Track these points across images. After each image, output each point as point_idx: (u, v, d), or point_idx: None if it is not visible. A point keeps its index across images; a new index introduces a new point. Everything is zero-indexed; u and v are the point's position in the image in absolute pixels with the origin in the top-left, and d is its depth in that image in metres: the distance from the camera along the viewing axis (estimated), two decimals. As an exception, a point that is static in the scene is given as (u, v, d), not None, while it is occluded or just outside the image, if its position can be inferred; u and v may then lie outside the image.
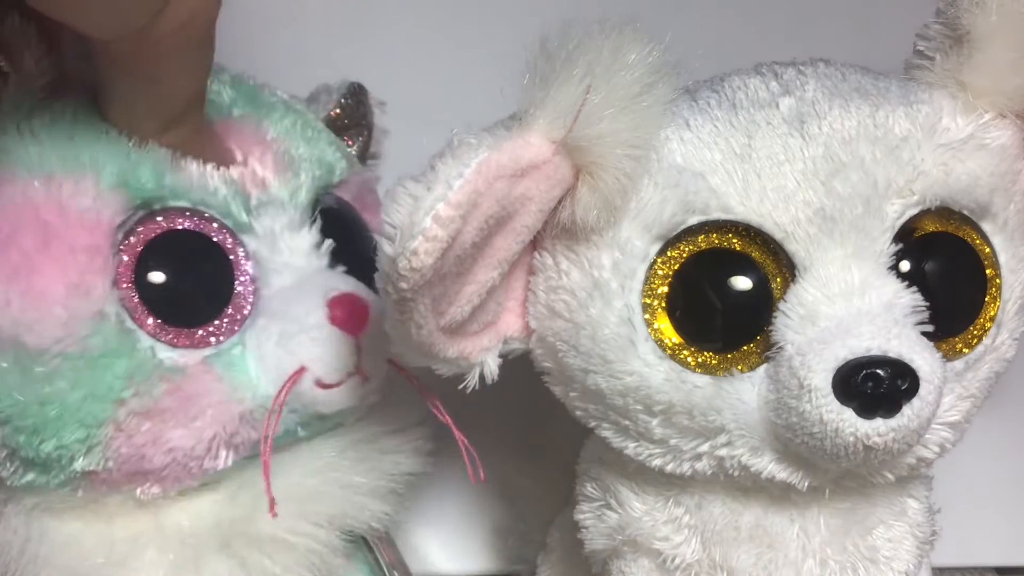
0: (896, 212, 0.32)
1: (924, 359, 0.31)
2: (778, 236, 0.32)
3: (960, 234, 0.34)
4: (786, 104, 0.33)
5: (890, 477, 0.34)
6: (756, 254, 0.32)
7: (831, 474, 0.34)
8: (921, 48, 0.35)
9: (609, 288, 0.33)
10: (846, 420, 0.30)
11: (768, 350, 0.32)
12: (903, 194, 0.32)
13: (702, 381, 0.33)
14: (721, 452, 0.33)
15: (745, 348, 0.33)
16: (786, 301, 0.32)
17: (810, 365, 0.31)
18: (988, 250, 0.34)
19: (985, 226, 0.34)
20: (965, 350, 0.34)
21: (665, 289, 0.33)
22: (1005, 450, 0.57)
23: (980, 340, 0.34)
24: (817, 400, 0.31)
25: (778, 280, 0.32)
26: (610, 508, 0.37)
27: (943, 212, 0.33)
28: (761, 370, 0.33)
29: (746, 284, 0.32)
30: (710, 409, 0.33)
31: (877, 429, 0.30)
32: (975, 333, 0.34)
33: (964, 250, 0.34)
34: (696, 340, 0.33)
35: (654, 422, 0.34)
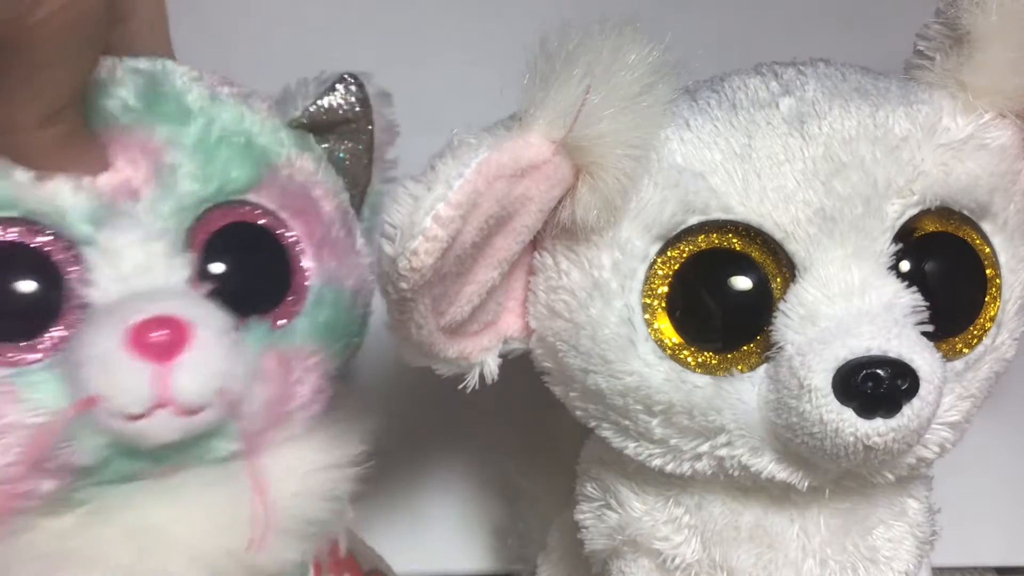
0: (896, 212, 0.32)
1: (924, 359, 0.31)
2: (778, 236, 0.32)
3: (960, 234, 0.34)
4: (786, 104, 0.33)
5: (890, 477, 0.34)
6: (756, 254, 0.32)
7: (831, 474, 0.34)
8: (921, 48, 0.35)
9: (609, 288, 0.33)
10: (846, 420, 0.30)
11: (768, 350, 0.32)
12: (903, 194, 0.32)
13: (702, 381, 0.33)
14: (721, 452, 0.33)
15: (745, 348, 0.33)
16: (786, 301, 0.32)
17: (810, 365, 0.31)
18: (988, 250, 0.34)
19: (985, 226, 0.34)
20: (965, 350, 0.34)
21: (665, 289, 0.33)
22: (1005, 450, 0.57)
23: (980, 340, 0.34)
24: (817, 400, 0.31)
25: (778, 280, 0.32)
26: (610, 508, 0.37)
27: (943, 212, 0.33)
28: (761, 370, 0.33)
29: (746, 284, 0.32)
30: (710, 409, 0.33)
31: (877, 429, 0.30)
32: (975, 333, 0.34)
33: (964, 250, 0.34)
34: (696, 340, 0.33)
35: (654, 422, 0.34)
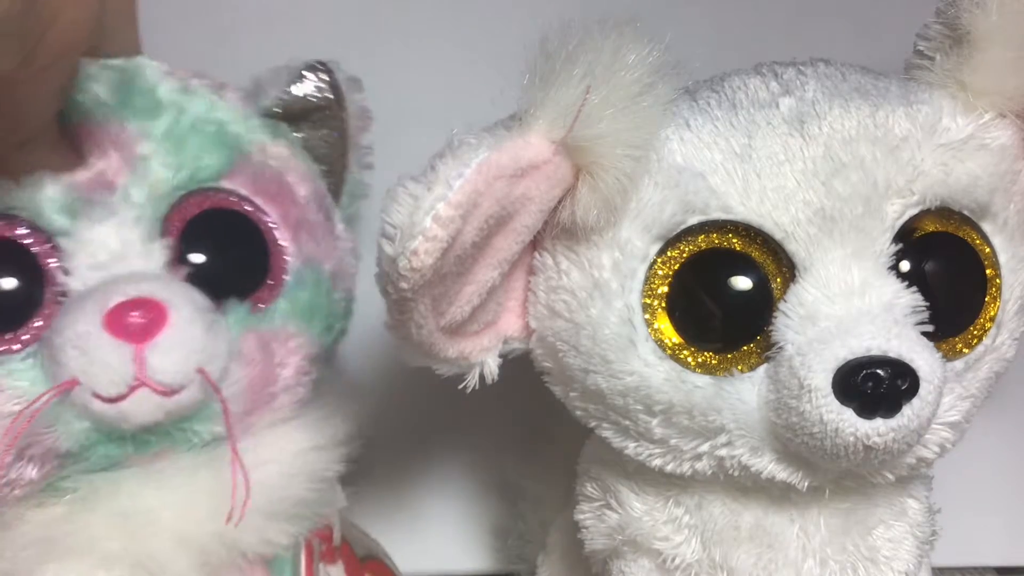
0: (896, 212, 0.32)
1: (924, 359, 0.31)
2: (778, 236, 0.32)
3: (960, 234, 0.34)
4: (786, 104, 0.33)
5: (890, 477, 0.34)
6: (756, 254, 0.32)
7: (831, 474, 0.34)
8: (921, 48, 0.35)
9: (609, 288, 0.33)
10: (846, 420, 0.30)
11: (768, 350, 0.32)
12: (903, 194, 0.32)
13: (702, 381, 0.33)
14: (721, 452, 0.33)
15: (745, 348, 0.33)
16: (786, 301, 0.32)
17: (810, 365, 0.31)
18: (988, 250, 0.34)
19: (985, 226, 0.34)
20: (965, 350, 0.34)
21: (665, 289, 0.33)
22: (1005, 450, 0.57)
23: (980, 340, 0.34)
24: (817, 400, 0.31)
25: (778, 280, 0.32)
26: (610, 508, 0.37)
27: (943, 212, 0.33)
28: (761, 370, 0.33)
29: (746, 284, 0.32)
30: (710, 409, 0.33)
31: (877, 429, 0.30)
32: (975, 333, 0.34)
33: (964, 250, 0.34)
34: (696, 340, 0.33)
35: (654, 422, 0.34)
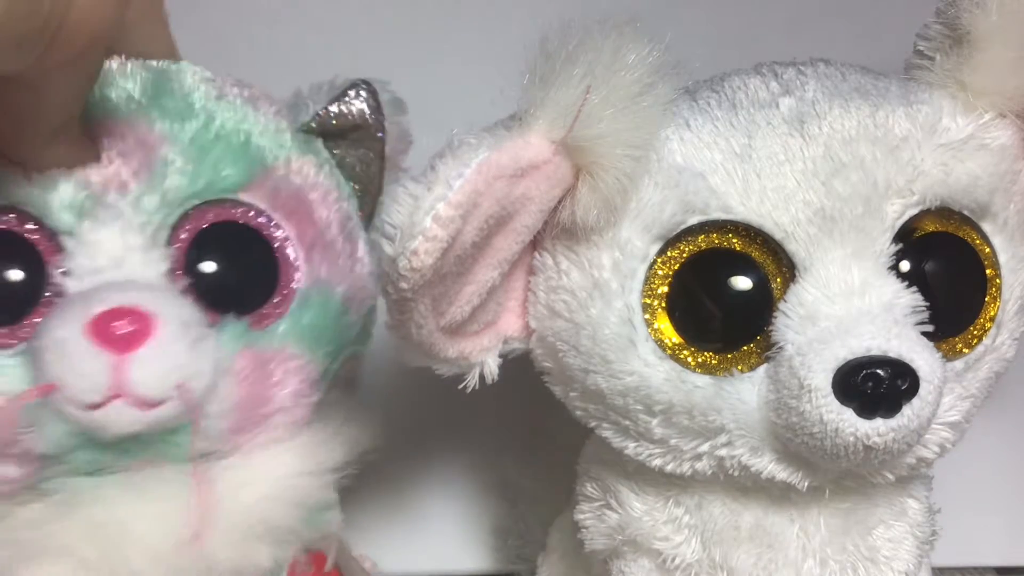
0: (896, 212, 0.32)
1: (924, 359, 0.31)
2: (778, 236, 0.32)
3: (960, 234, 0.34)
4: (786, 104, 0.33)
5: (890, 477, 0.34)
6: (756, 254, 0.32)
7: (831, 474, 0.34)
8: (921, 48, 0.35)
9: (609, 288, 0.33)
10: (846, 420, 0.30)
11: (768, 350, 0.32)
12: (903, 194, 0.32)
13: (702, 381, 0.33)
14: (721, 452, 0.33)
15: (745, 348, 0.33)
16: (786, 301, 0.32)
17: (810, 365, 0.31)
18: (988, 250, 0.34)
19: (985, 226, 0.34)
20: (965, 350, 0.34)
21: (665, 289, 0.33)
22: (1005, 450, 0.57)
23: (980, 340, 0.34)
24: (817, 400, 0.31)
25: (778, 280, 0.32)
26: (610, 508, 0.37)
27: (943, 212, 0.33)
28: (761, 370, 0.33)
29: (746, 284, 0.32)
30: (710, 409, 0.33)
31: (877, 429, 0.30)
32: (975, 333, 0.34)
33: (964, 250, 0.34)
34: (696, 340, 0.33)
35: (654, 422, 0.34)
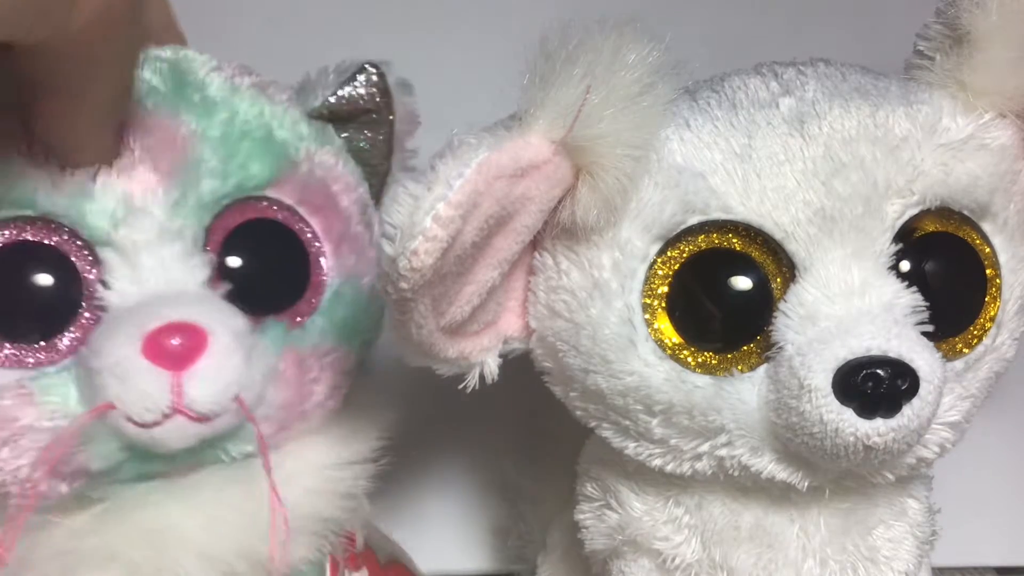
0: (896, 212, 0.32)
1: (924, 359, 0.31)
2: (778, 236, 0.32)
3: (960, 234, 0.34)
4: (786, 104, 0.33)
5: (890, 477, 0.34)
6: (756, 254, 0.32)
7: (831, 474, 0.34)
8: (921, 48, 0.35)
9: (609, 288, 0.33)
10: (846, 420, 0.30)
11: (768, 350, 0.32)
12: (903, 194, 0.32)
13: (702, 381, 0.33)
14: (721, 452, 0.33)
15: (745, 348, 0.33)
16: (786, 301, 0.32)
17: (810, 365, 0.31)
18: (988, 250, 0.34)
19: (985, 226, 0.34)
20: (965, 350, 0.34)
21: (665, 289, 0.33)
22: (1005, 450, 0.57)
23: (980, 340, 0.34)
24: (817, 400, 0.31)
25: (778, 280, 0.32)
26: (610, 508, 0.37)
27: (943, 212, 0.33)
28: (761, 370, 0.33)
29: (746, 284, 0.32)
30: (710, 409, 0.33)
31: (877, 429, 0.30)
32: (975, 333, 0.34)
33: (964, 250, 0.34)
34: (696, 340, 0.33)
35: (654, 422, 0.34)
